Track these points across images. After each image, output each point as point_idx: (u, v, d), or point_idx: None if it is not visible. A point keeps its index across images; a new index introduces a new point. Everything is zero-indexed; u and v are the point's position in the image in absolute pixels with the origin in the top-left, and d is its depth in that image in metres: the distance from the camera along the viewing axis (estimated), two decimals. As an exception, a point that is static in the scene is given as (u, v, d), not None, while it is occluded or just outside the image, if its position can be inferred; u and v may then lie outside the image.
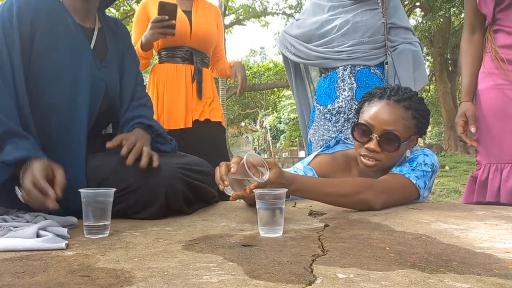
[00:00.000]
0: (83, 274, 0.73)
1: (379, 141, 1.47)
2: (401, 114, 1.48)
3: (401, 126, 1.47)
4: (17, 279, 0.70)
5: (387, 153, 1.48)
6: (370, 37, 2.11)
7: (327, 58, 2.16)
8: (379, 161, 1.49)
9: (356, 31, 2.11)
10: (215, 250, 0.89)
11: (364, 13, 2.14)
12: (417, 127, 1.53)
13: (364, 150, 1.50)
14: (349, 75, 2.11)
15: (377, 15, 2.13)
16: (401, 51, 2.13)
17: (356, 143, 1.55)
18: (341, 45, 2.13)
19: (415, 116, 1.50)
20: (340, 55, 2.13)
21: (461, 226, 1.13)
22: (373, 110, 1.51)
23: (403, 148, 1.51)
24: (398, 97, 1.50)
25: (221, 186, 1.12)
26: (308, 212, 1.34)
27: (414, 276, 0.71)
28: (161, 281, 0.69)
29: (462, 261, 0.80)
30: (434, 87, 15.39)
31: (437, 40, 12.90)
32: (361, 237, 1.01)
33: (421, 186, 1.45)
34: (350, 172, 1.64)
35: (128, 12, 8.88)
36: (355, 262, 0.79)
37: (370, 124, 1.49)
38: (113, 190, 1.06)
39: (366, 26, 2.11)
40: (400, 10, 2.22)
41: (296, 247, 0.92)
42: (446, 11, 8.52)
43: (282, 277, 0.70)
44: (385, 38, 2.13)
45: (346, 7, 2.19)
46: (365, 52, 2.12)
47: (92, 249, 0.91)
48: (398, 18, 2.17)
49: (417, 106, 1.52)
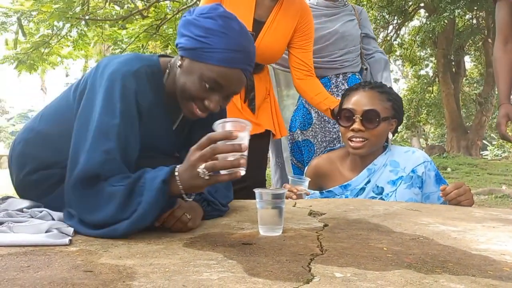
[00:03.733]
0: (86, 270, 0.75)
1: (361, 121, 1.68)
2: (377, 96, 1.72)
3: (378, 106, 1.69)
4: (21, 273, 0.72)
5: (371, 131, 1.68)
6: (354, 46, 2.35)
7: (320, 67, 2.26)
8: (366, 140, 1.68)
9: (343, 40, 2.32)
10: (216, 248, 0.91)
11: (347, 24, 2.34)
12: (393, 109, 1.73)
13: (350, 133, 1.70)
14: (342, 81, 2.31)
15: (356, 26, 2.38)
16: (377, 59, 2.42)
17: (343, 130, 1.74)
18: (332, 55, 2.32)
19: (389, 98, 1.73)
20: (333, 64, 2.32)
21: (459, 228, 1.15)
22: (352, 99, 1.74)
23: (384, 126, 1.71)
24: (372, 85, 1.76)
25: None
26: (307, 212, 1.35)
27: (410, 276, 0.73)
28: (162, 277, 0.70)
29: (458, 262, 0.82)
30: (437, 88, 15.36)
31: (441, 41, 12.86)
32: (359, 237, 1.02)
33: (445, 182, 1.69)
34: (345, 162, 1.81)
35: (132, 10, 8.89)
36: (352, 262, 0.81)
37: (352, 109, 1.71)
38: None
39: (351, 36, 2.33)
40: (369, 21, 2.53)
41: (295, 246, 0.93)
42: (450, 12, 8.50)
43: (280, 275, 0.72)
44: (360, 46, 2.40)
45: (329, 16, 2.35)
46: (353, 60, 2.35)
47: (95, 245, 0.93)
48: (369, 29, 2.47)
49: (389, 90, 1.77)
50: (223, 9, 1.17)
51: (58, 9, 7.18)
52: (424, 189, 1.70)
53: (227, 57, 1.12)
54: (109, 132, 1.06)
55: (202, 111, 1.20)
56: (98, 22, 8.67)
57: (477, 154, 13.25)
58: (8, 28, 8.73)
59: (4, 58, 8.65)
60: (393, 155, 1.74)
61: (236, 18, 1.18)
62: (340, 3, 2.38)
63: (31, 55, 8.42)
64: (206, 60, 1.12)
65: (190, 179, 0.97)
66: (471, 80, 18.83)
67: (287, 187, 1.66)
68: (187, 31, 1.15)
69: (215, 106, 1.17)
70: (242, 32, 1.16)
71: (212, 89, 1.15)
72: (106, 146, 1.04)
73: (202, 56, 1.13)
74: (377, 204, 1.51)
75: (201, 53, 1.13)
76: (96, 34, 9.28)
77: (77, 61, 12.14)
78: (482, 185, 7.44)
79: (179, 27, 1.21)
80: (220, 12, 1.15)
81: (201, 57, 1.13)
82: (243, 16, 1.88)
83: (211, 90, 1.15)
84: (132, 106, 1.11)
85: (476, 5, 9.74)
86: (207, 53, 1.12)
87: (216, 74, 1.12)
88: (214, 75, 1.13)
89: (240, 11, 1.91)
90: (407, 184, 1.68)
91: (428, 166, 1.70)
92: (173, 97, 1.22)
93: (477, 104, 13.80)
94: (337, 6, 2.36)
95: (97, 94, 1.12)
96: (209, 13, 1.14)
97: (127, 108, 1.10)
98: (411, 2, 11.54)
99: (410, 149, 1.78)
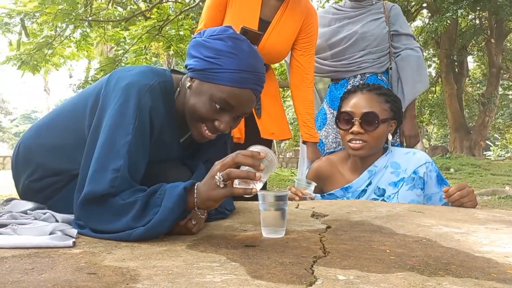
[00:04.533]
0: (90, 272, 0.75)
1: (360, 123, 1.68)
2: (375, 98, 1.72)
3: (377, 108, 1.70)
4: (26, 275, 0.73)
5: (370, 133, 1.68)
6: (377, 46, 2.26)
7: (337, 71, 2.29)
8: (365, 142, 1.68)
9: (364, 41, 2.24)
10: (218, 250, 0.91)
11: (370, 24, 2.26)
12: (392, 111, 1.74)
13: (349, 136, 1.70)
14: (359, 82, 2.24)
15: (381, 24, 2.27)
16: (404, 56, 2.27)
17: (342, 133, 1.75)
18: (351, 57, 2.26)
19: (388, 100, 1.73)
20: (350, 66, 2.27)
21: (462, 229, 1.14)
22: (350, 102, 1.74)
23: (384, 128, 1.71)
24: (369, 88, 1.75)
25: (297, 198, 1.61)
26: (310, 214, 1.35)
27: (413, 278, 0.72)
28: (166, 279, 0.71)
29: (461, 265, 0.82)
30: (440, 88, 15.32)
31: (444, 41, 12.84)
32: (362, 239, 1.02)
33: (447, 183, 1.71)
34: (345, 164, 1.82)
35: (135, 11, 8.91)
36: (355, 264, 0.81)
37: (350, 112, 1.71)
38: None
39: (373, 36, 2.24)
40: (401, 17, 2.36)
41: (298, 248, 0.93)
42: (453, 12, 8.47)
43: (283, 278, 0.72)
44: (389, 45, 2.28)
45: (352, 18, 2.30)
46: (374, 61, 2.26)
47: (99, 247, 0.93)
48: (400, 26, 2.31)
49: (387, 92, 1.77)
50: (232, 31, 1.17)
51: (61, 10, 7.20)
52: (426, 190, 1.70)
53: (238, 78, 1.11)
54: (121, 150, 1.05)
55: (212, 132, 1.20)
56: (101, 23, 8.70)
57: (480, 154, 13.22)
58: (11, 29, 8.76)
59: (7, 59, 8.69)
60: (394, 157, 1.74)
61: (246, 39, 1.18)
62: (367, 2, 2.32)
63: (34, 56, 8.45)
64: (216, 81, 1.12)
65: (208, 190, 0.98)
66: (474, 81, 18.81)
67: (292, 190, 1.66)
68: (197, 53, 1.15)
69: (225, 127, 1.17)
70: (252, 53, 1.15)
71: (222, 110, 1.15)
72: (117, 165, 1.03)
73: (212, 77, 1.12)
74: (379, 205, 1.51)
75: (211, 74, 1.12)
76: (99, 35, 9.31)
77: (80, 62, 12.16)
78: (485, 186, 7.43)
79: (188, 48, 1.21)
80: (230, 33, 1.15)
81: (211, 78, 1.13)
82: (249, 15, 1.89)
83: (222, 111, 1.15)
84: (145, 123, 1.11)
85: (479, 5, 9.71)
86: (218, 74, 1.12)
87: (227, 94, 1.12)
88: (225, 95, 1.12)
89: (246, 10, 1.93)
90: (409, 185, 1.68)
91: (429, 167, 1.69)
92: (182, 115, 1.22)
93: (480, 104, 13.78)
94: (363, 6, 2.31)
95: (110, 106, 1.11)
96: (219, 35, 1.14)
97: (141, 125, 1.09)
98: (413, 2, 11.52)
99: (411, 150, 1.78)
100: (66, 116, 1.27)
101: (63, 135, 1.25)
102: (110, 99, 1.12)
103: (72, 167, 1.19)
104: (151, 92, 1.13)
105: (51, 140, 1.26)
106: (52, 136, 1.26)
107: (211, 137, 1.21)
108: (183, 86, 1.22)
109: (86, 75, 10.36)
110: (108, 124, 1.08)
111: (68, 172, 1.21)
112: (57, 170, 1.23)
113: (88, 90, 1.29)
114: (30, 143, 1.30)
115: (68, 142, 1.23)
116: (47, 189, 1.24)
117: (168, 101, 1.20)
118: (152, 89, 1.13)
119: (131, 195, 1.01)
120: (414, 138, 2.28)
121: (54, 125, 1.29)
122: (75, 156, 1.17)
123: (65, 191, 1.23)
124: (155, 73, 1.19)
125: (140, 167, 1.10)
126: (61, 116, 1.30)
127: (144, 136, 1.10)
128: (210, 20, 1.98)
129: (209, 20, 1.98)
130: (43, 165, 1.24)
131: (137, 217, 0.99)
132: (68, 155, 1.22)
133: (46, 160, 1.24)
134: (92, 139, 1.12)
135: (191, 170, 1.27)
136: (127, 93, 1.10)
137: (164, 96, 1.18)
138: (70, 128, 1.24)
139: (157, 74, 1.19)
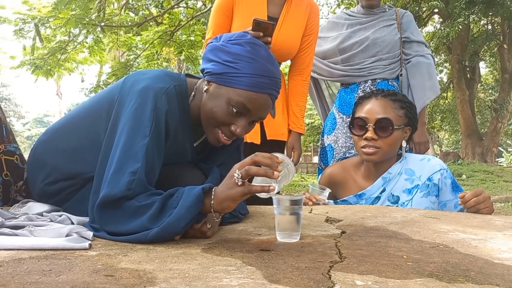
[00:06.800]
0: (107, 274, 0.75)
1: (374, 129, 1.66)
2: (390, 104, 1.70)
3: (391, 114, 1.68)
4: (44, 277, 0.73)
5: (384, 139, 1.66)
6: (388, 53, 2.27)
7: (348, 75, 2.30)
8: (378, 148, 1.66)
9: (375, 47, 2.26)
10: (234, 254, 0.91)
11: (382, 30, 2.28)
12: (407, 117, 1.71)
13: (363, 142, 1.68)
14: (370, 87, 2.24)
15: (393, 31, 2.29)
16: (414, 63, 2.29)
17: (356, 139, 1.73)
18: (362, 62, 2.27)
19: (402, 106, 1.71)
20: (361, 72, 2.28)
21: (479, 236, 1.13)
22: (365, 107, 1.72)
23: (398, 135, 1.69)
24: (384, 93, 1.73)
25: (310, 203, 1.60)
26: (324, 219, 1.35)
27: (432, 285, 0.72)
28: (183, 282, 0.71)
29: (480, 271, 0.80)
30: (452, 94, 15.20)
31: (455, 47, 12.75)
32: (378, 244, 1.01)
33: (462, 190, 1.68)
34: (359, 171, 1.80)
35: (147, 16, 8.99)
36: (373, 270, 0.80)
37: (364, 117, 1.69)
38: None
39: (384, 42, 2.26)
40: (413, 24, 2.37)
41: (314, 253, 0.93)
42: (465, 18, 8.43)
43: (300, 282, 0.71)
44: (401, 52, 2.29)
45: (364, 24, 2.32)
46: (385, 67, 2.27)
47: (114, 250, 0.94)
48: (411, 32, 2.32)
49: (402, 98, 1.75)
50: (250, 36, 1.18)
51: (74, 15, 7.30)
52: (441, 197, 1.68)
53: (255, 82, 1.12)
54: (138, 152, 1.06)
55: (228, 137, 1.20)
56: (114, 28, 8.80)
57: (492, 161, 13.06)
58: (25, 35, 8.90)
59: (21, 64, 8.82)
60: (408, 163, 1.72)
61: (263, 44, 1.19)
62: (380, 9, 2.34)
63: (47, 60, 8.57)
64: (234, 84, 1.13)
65: (225, 189, 0.98)
66: (486, 86, 18.62)
67: (307, 195, 1.65)
68: (215, 57, 1.15)
69: (241, 131, 1.17)
70: (269, 58, 1.16)
71: (239, 114, 1.15)
72: (134, 167, 1.04)
73: (230, 81, 1.13)
74: (394, 211, 1.49)
75: (229, 78, 1.13)
76: (111, 40, 9.42)
77: (92, 66, 12.29)
78: (498, 193, 7.33)
79: (205, 52, 1.21)
80: (248, 38, 1.16)
81: (229, 82, 1.13)
82: (257, 13, 1.91)
83: (238, 115, 1.15)
84: (162, 126, 1.11)
85: (491, 10, 9.65)
86: (235, 78, 1.12)
87: (244, 98, 1.13)
88: (242, 99, 1.13)
89: (254, 9, 1.98)
90: (423, 192, 1.66)
91: (444, 174, 1.67)
92: (197, 119, 1.22)
93: (492, 110, 13.62)
94: (375, 13, 2.33)
95: (127, 109, 1.12)
96: (237, 40, 1.15)
97: (157, 128, 1.10)
98: (425, 7, 11.47)
99: (425, 156, 1.76)
100: (81, 119, 1.28)
101: (78, 138, 1.25)
102: (126, 102, 1.13)
103: (87, 170, 1.20)
104: (167, 95, 1.14)
105: (66, 143, 1.27)
106: (67, 139, 1.27)
107: (227, 142, 1.21)
108: (199, 90, 1.23)
109: (98, 79, 10.47)
110: (125, 127, 1.09)
111: (83, 175, 1.22)
112: (72, 173, 1.23)
113: (103, 93, 1.30)
114: (45, 146, 1.31)
115: (83, 145, 1.24)
116: (62, 192, 1.25)
117: (183, 105, 1.21)
118: (168, 93, 1.14)
119: (147, 198, 1.02)
120: (424, 145, 2.26)
121: (69, 128, 1.30)
122: (90, 159, 1.18)
123: (79, 194, 1.23)
124: (170, 77, 1.20)
125: (156, 169, 1.10)
126: (76, 119, 1.31)
127: (160, 139, 1.11)
128: (218, 27, 2.02)
129: (217, 28, 2.02)
130: (57, 168, 1.25)
131: (154, 218, 0.99)
132: (82, 158, 1.23)
133: (60, 163, 1.25)
134: (108, 141, 1.13)
135: (205, 174, 1.27)
136: (144, 96, 1.11)
137: (179, 100, 1.18)
138: (85, 131, 1.25)
139: (172, 78, 1.20)
